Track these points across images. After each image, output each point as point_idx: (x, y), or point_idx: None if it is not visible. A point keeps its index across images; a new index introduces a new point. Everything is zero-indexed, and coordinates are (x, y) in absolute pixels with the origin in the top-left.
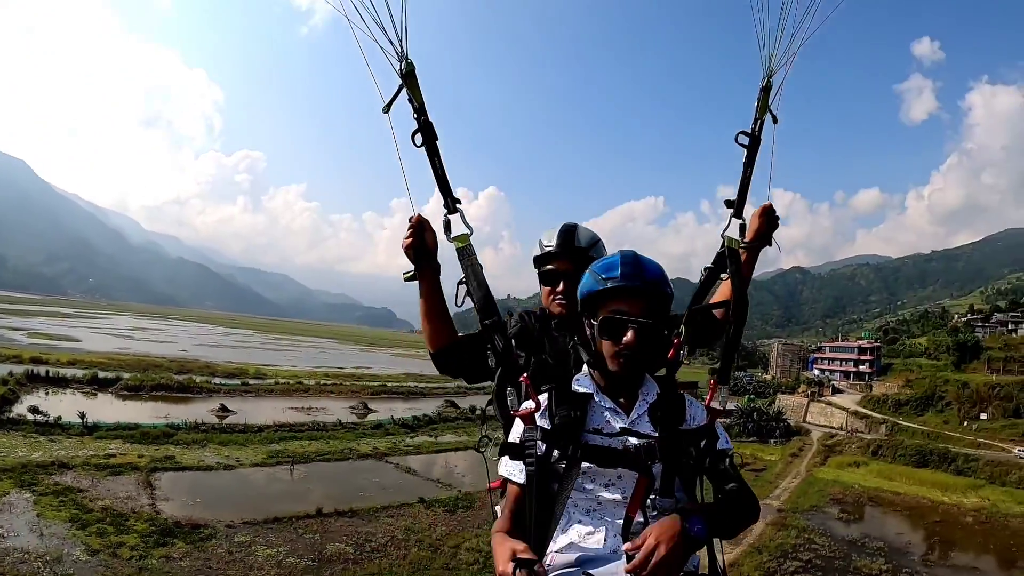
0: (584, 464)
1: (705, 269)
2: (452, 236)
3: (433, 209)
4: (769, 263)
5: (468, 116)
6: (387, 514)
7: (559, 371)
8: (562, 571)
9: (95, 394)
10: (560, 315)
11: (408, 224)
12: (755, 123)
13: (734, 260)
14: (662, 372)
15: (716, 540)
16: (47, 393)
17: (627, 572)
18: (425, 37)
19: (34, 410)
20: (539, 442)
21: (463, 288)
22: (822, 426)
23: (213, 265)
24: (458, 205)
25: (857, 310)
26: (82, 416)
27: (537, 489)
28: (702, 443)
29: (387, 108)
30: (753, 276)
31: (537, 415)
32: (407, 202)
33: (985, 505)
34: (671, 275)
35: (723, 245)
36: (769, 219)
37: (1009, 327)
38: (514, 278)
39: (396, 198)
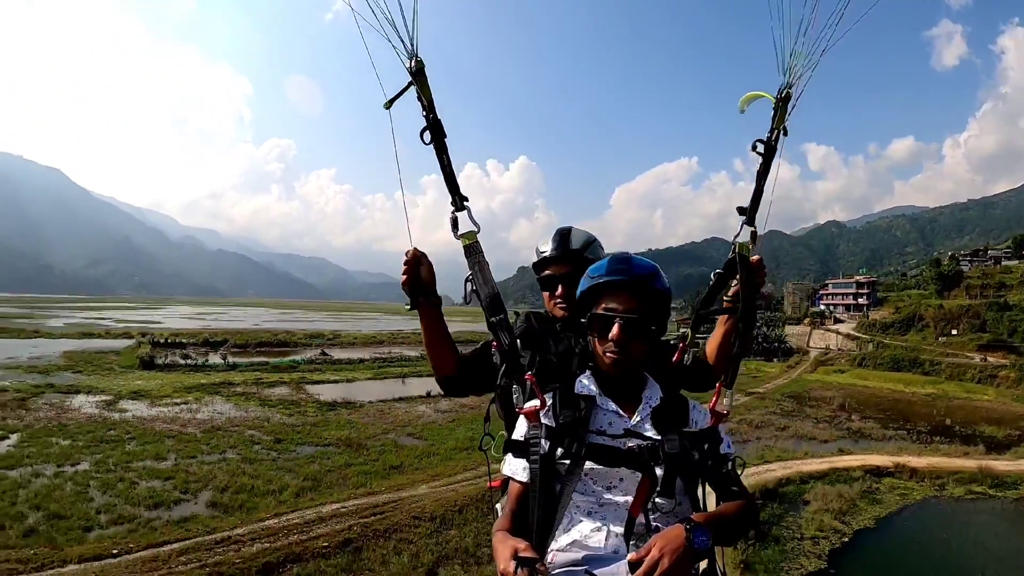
0: (587, 464)
1: (715, 274)
2: (459, 233)
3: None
4: (805, 218)
5: (495, 86)
6: None
7: (563, 371)
8: (564, 570)
9: (207, 355)
10: (563, 318)
11: (404, 259)
12: (771, 133)
13: (744, 267)
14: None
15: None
16: (168, 355)
17: None
18: (448, 6)
19: (185, 356)
20: (543, 440)
21: (469, 285)
22: (820, 348)
23: (252, 254)
24: (465, 203)
25: (894, 262)
26: (224, 357)
27: (540, 487)
28: (705, 446)
29: (389, 104)
30: (789, 232)
31: (541, 413)
32: (437, 179)
33: (936, 392)
34: (707, 235)
35: (733, 251)
36: (754, 275)
37: (1001, 261)
38: None
39: (426, 175)
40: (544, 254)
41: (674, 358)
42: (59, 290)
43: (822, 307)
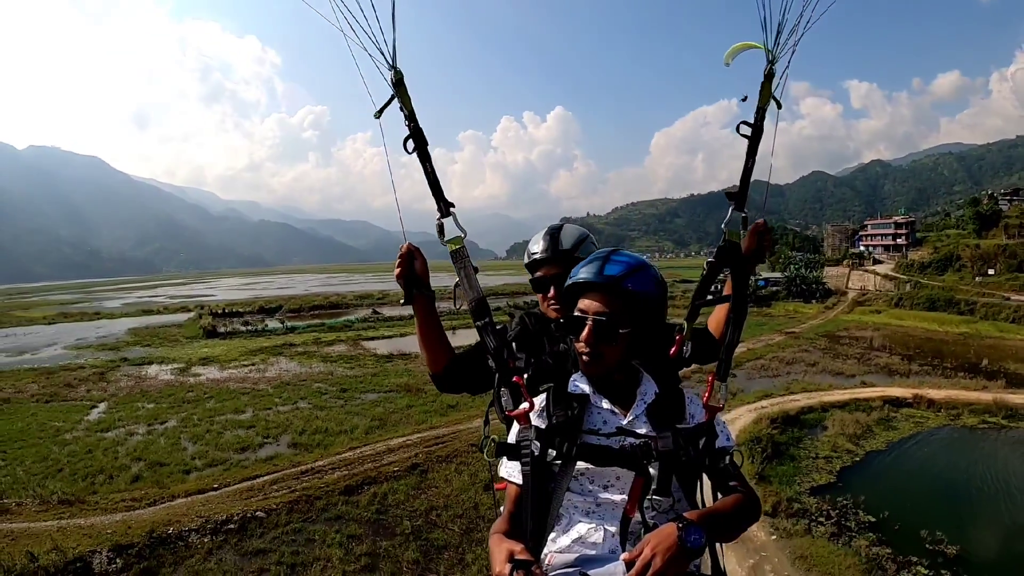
0: (581, 464)
1: (707, 263)
2: (445, 239)
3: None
4: (849, 158)
5: (529, 37)
6: None
7: (558, 372)
8: (560, 571)
9: (263, 321)
10: (557, 319)
11: (398, 254)
12: (757, 112)
13: (735, 255)
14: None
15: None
16: (228, 324)
17: None
18: None
19: (245, 323)
20: (534, 442)
21: (458, 290)
22: (857, 289)
23: (294, 222)
24: (451, 208)
25: (941, 201)
26: (282, 322)
27: (533, 489)
28: (701, 441)
29: (379, 114)
30: (833, 173)
31: (533, 415)
32: (474, 134)
33: (969, 331)
34: (752, 178)
35: (724, 239)
36: (761, 238)
37: None
38: (592, 195)
39: (462, 131)
40: (535, 256)
41: (671, 351)
42: (108, 273)
43: (861, 248)
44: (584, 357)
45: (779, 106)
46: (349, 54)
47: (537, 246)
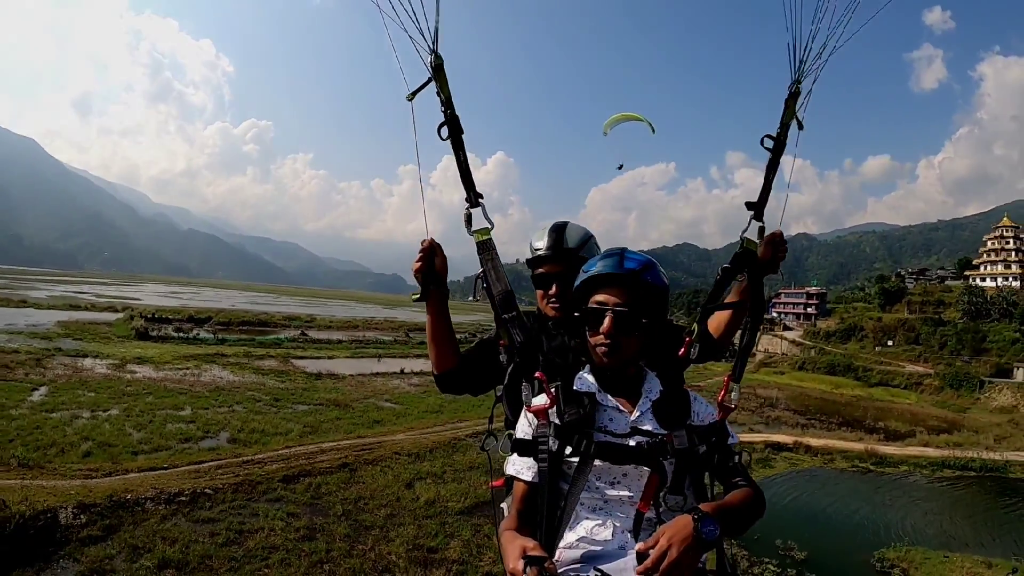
0: (595, 461)
1: (721, 269)
2: (473, 230)
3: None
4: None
5: (476, 80)
6: None
7: (562, 369)
8: (571, 567)
9: (194, 329)
10: (555, 318)
11: (419, 248)
12: (781, 128)
13: (752, 262)
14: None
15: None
16: (161, 328)
17: (638, 574)
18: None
19: (177, 329)
20: (551, 438)
21: (480, 282)
22: (765, 351)
23: (223, 235)
24: (480, 199)
25: (860, 277)
26: (213, 332)
27: (550, 486)
28: (712, 439)
29: (411, 97)
30: (759, 242)
31: (550, 411)
32: (414, 169)
33: (863, 395)
34: (679, 241)
35: (742, 246)
36: (776, 248)
37: (944, 280)
38: (523, 243)
39: (403, 165)
40: (539, 252)
41: (680, 352)
42: (28, 262)
43: (774, 314)
44: (602, 349)
45: (800, 127)
46: (345, 52)
47: (541, 242)
